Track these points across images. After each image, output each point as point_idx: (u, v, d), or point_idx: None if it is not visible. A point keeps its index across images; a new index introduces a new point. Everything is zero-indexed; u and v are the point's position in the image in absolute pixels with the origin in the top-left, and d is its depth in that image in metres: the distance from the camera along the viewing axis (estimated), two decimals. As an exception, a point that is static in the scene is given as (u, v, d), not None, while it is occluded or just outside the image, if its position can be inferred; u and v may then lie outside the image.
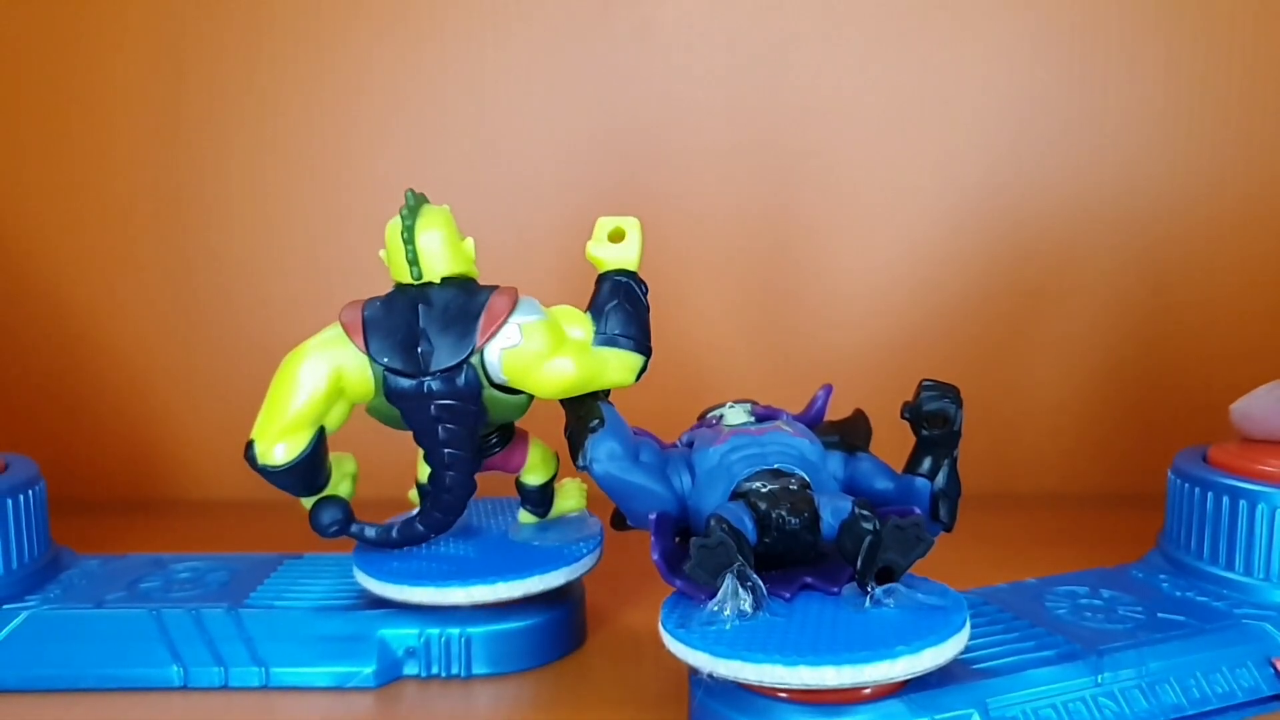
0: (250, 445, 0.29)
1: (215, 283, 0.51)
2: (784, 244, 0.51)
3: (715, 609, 0.25)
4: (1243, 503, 0.31)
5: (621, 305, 0.29)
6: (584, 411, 0.28)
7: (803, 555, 0.27)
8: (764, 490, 0.27)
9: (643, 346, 0.30)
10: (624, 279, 0.30)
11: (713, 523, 0.25)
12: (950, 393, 0.28)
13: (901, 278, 0.51)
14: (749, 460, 0.28)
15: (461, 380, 0.29)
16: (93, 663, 0.30)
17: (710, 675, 0.24)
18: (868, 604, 0.25)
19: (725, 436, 0.29)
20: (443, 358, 0.28)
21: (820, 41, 0.50)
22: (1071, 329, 0.51)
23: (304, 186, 0.51)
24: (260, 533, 0.41)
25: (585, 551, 0.32)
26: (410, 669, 0.31)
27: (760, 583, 0.25)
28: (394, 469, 0.36)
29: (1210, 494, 0.32)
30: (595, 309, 0.30)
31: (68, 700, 0.30)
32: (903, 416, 0.28)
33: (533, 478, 0.34)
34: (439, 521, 0.31)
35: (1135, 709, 0.27)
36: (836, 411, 0.32)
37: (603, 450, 0.27)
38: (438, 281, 0.29)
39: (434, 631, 0.31)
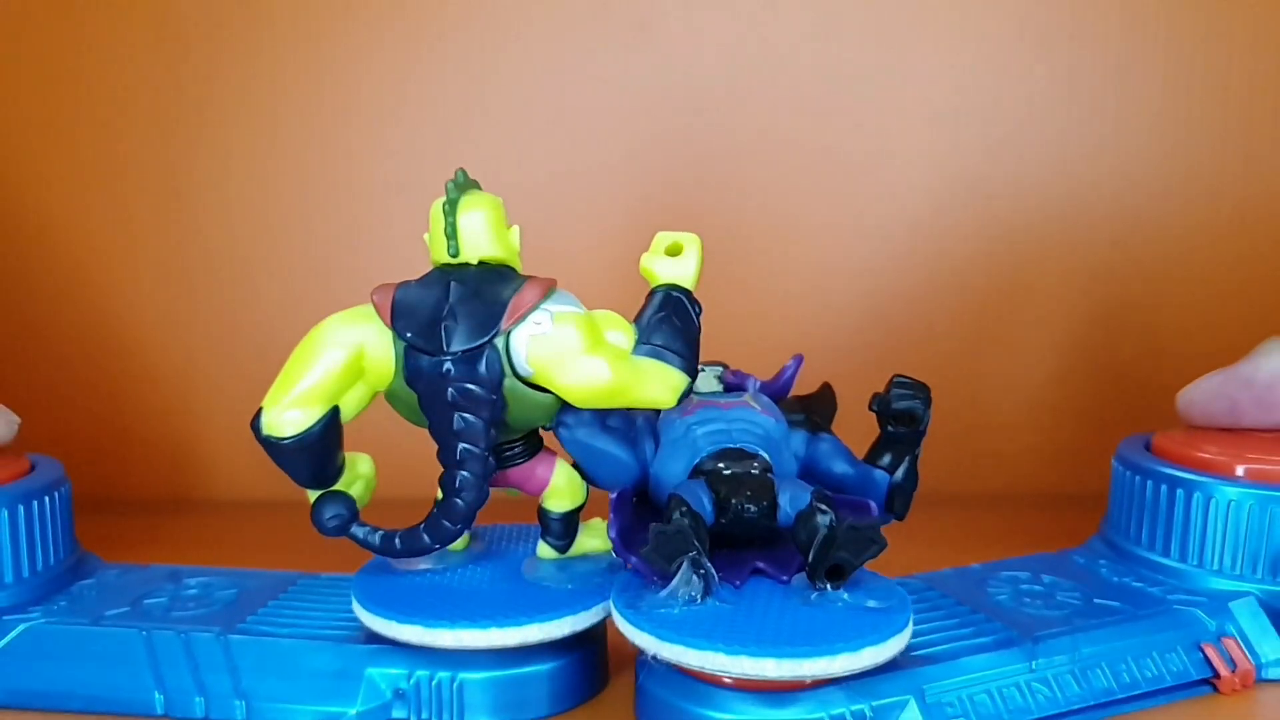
0: (259, 413, 0.27)
1: (242, 283, 0.51)
2: (758, 235, 0.51)
3: (668, 595, 0.25)
4: (1180, 491, 0.32)
5: (670, 319, 0.27)
6: None
7: (757, 537, 0.27)
8: (726, 473, 0.27)
9: (689, 366, 0.27)
10: (677, 294, 0.28)
11: (673, 505, 0.26)
12: (921, 393, 0.28)
13: (863, 273, 0.51)
14: (714, 437, 0.28)
15: (483, 365, 0.27)
16: (81, 683, 0.29)
17: (654, 657, 0.24)
18: (814, 597, 0.25)
19: (693, 408, 0.29)
20: (464, 337, 0.27)
21: (807, 33, 0.49)
22: (1034, 330, 0.51)
23: (325, 189, 0.50)
24: (288, 538, 0.39)
25: (601, 599, 0.28)
26: (399, 712, 0.28)
27: (713, 571, 0.25)
28: (419, 468, 0.33)
29: (1150, 482, 0.33)
30: (642, 319, 0.28)
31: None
32: (870, 408, 0.28)
33: (556, 504, 0.30)
34: (446, 531, 0.28)
35: (1067, 693, 0.27)
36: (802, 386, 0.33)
37: (571, 415, 0.28)
38: (474, 263, 0.28)
39: (423, 673, 0.28)
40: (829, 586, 0.25)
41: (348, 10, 0.49)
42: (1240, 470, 0.31)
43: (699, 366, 0.30)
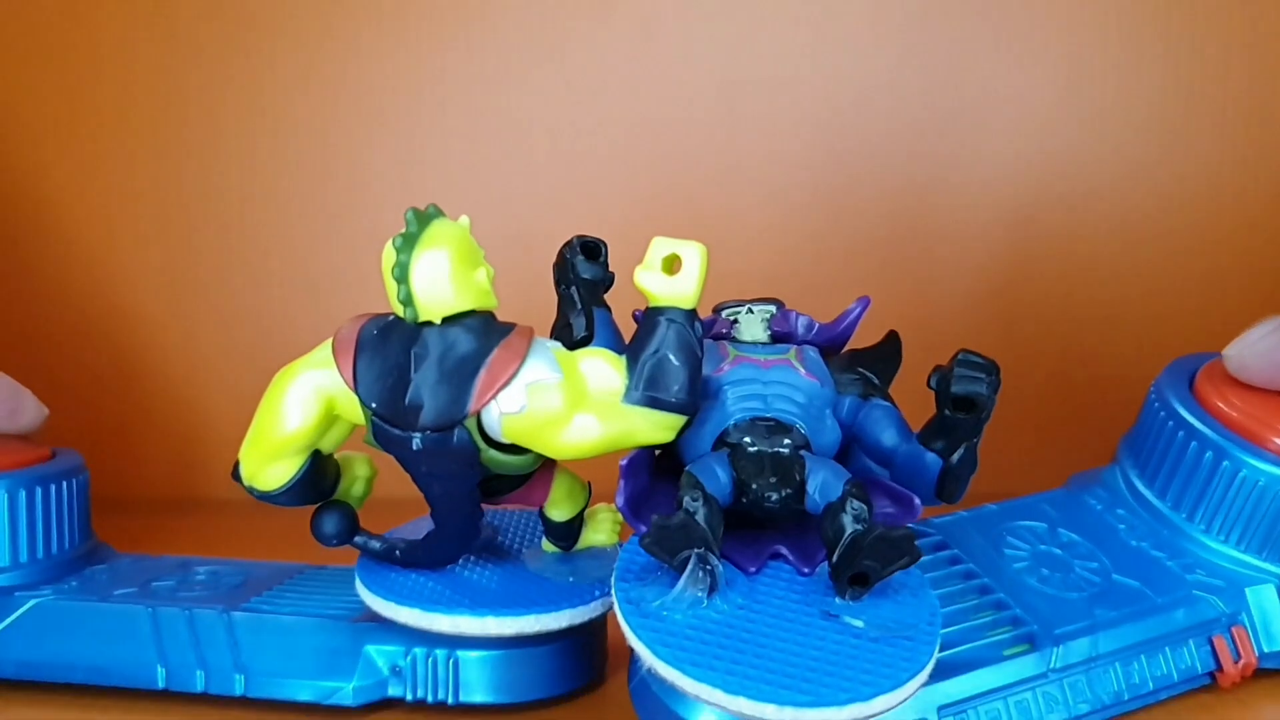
0: (236, 465, 0.27)
1: (251, 281, 0.51)
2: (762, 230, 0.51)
3: (674, 597, 0.23)
4: (1209, 453, 0.29)
5: (666, 358, 0.24)
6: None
7: (783, 518, 0.25)
8: (751, 450, 0.25)
9: (687, 406, 0.24)
10: (675, 320, 0.24)
11: (685, 486, 0.23)
12: (988, 375, 0.24)
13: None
14: (746, 403, 0.26)
15: (454, 441, 0.25)
16: (86, 656, 0.29)
17: (649, 670, 0.22)
18: (837, 603, 0.23)
19: (729, 364, 0.27)
20: (431, 415, 0.24)
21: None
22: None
23: (332, 188, 0.51)
24: (297, 537, 0.39)
25: (600, 593, 0.28)
26: (396, 689, 0.28)
27: (719, 567, 0.23)
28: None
29: (1181, 432, 0.29)
30: (633, 355, 0.24)
31: (39, 693, 0.29)
32: (928, 385, 0.25)
33: (557, 513, 0.30)
34: (445, 557, 0.29)
35: (1077, 696, 0.26)
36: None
37: None
38: (438, 322, 0.25)
39: (420, 650, 0.28)
40: (849, 596, 0.23)
41: (355, 12, 0.50)
42: (1279, 441, 0.28)
43: (747, 308, 0.29)
